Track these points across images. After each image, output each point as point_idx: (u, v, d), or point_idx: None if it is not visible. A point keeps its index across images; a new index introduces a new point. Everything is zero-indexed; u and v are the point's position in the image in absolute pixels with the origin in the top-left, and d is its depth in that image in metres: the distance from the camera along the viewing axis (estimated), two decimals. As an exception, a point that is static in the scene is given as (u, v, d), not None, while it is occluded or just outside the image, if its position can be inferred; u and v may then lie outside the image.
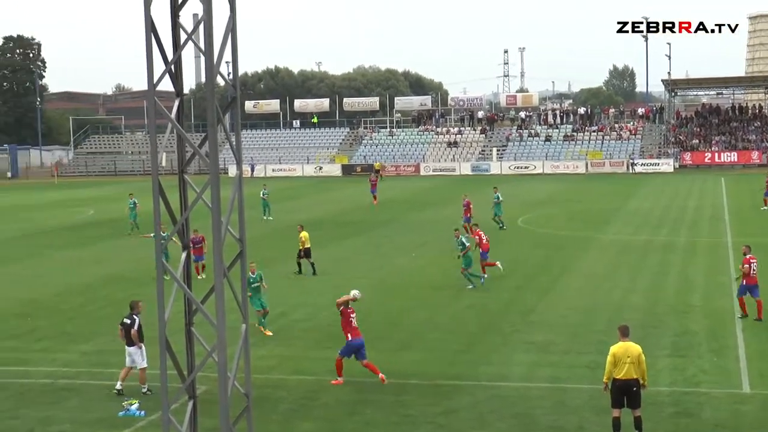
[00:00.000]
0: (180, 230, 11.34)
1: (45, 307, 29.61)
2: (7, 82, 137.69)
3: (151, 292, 26.31)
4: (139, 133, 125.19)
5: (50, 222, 55.80)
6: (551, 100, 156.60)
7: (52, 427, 18.10)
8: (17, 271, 37.30)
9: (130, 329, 19.82)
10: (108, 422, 18.17)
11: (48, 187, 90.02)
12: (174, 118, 11.01)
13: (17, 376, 21.60)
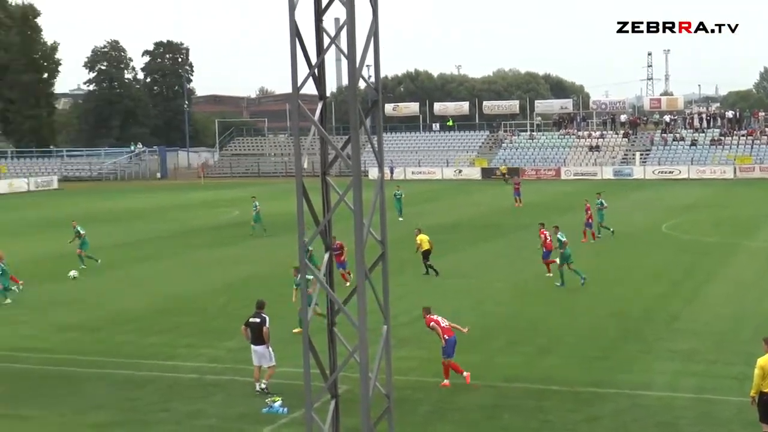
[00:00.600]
0: (323, 231, 11.50)
1: (190, 305, 30.50)
2: (158, 86, 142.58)
3: (289, 293, 26.93)
4: (281, 136, 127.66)
5: (196, 222, 57.43)
6: (697, 103, 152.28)
7: (199, 420, 18.64)
8: (165, 269, 38.52)
9: (261, 328, 19.97)
10: (252, 418, 18.60)
11: (194, 187, 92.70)
12: (317, 120, 11.18)
13: (166, 370, 22.34)
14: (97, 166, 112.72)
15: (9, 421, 18.91)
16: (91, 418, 18.92)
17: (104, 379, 21.84)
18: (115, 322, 27.96)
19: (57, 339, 25.91)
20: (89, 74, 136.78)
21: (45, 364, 23.20)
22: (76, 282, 35.47)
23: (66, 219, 57.40)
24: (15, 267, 38.93)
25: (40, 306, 30.79)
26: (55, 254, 42.81)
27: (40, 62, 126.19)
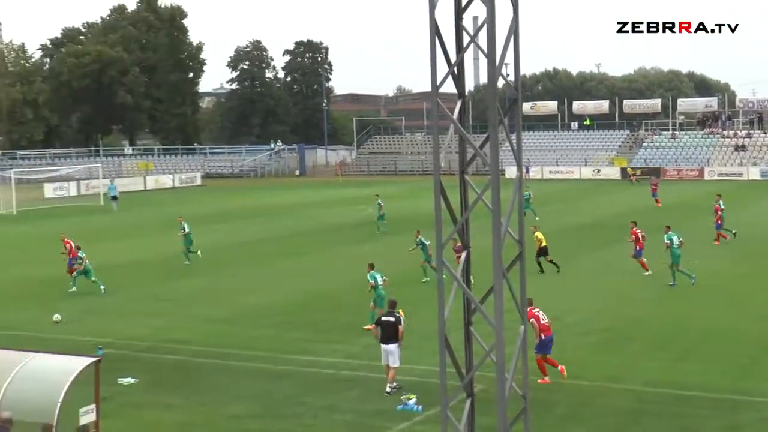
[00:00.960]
0: (460, 230, 11.51)
1: (328, 300, 30.94)
2: (298, 84, 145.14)
3: (421, 292, 27.05)
4: (418, 134, 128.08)
5: (334, 219, 58.15)
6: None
7: (335, 415, 18.91)
8: (303, 265, 39.15)
9: (395, 326, 20.01)
10: (386, 415, 18.75)
11: (332, 185, 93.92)
12: (456, 119, 11.19)
13: (303, 365, 22.73)
14: (238, 164, 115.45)
15: (154, 409, 19.59)
16: (231, 410, 19.42)
17: (243, 371, 22.38)
18: (255, 316, 28.61)
19: (199, 332, 26.67)
20: (232, 73, 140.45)
21: (188, 355, 23.94)
22: (216, 276, 36.39)
23: (208, 215, 59.08)
24: (160, 261, 40.29)
25: (184, 299, 31.75)
26: (199, 248, 44.05)
27: (186, 62, 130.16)
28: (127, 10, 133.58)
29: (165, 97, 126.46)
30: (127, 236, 49.36)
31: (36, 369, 14.05)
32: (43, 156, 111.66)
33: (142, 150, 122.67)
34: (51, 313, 29.25)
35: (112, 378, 20.91)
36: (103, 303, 31.21)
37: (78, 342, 24.96)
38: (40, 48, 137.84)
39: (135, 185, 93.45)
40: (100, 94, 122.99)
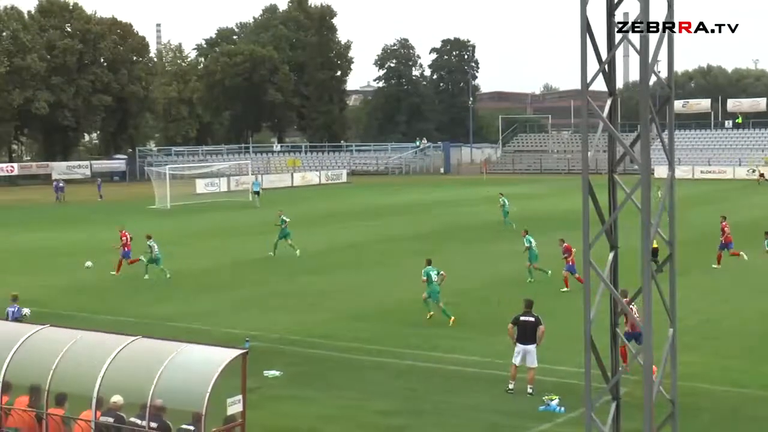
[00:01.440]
0: (608, 230, 11.28)
1: (471, 298, 30.84)
2: (444, 82, 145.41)
3: (560, 292, 26.63)
4: (565, 133, 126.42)
5: (479, 217, 57.90)
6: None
7: (477, 414, 18.84)
8: (448, 261, 38.87)
9: (536, 327, 19.83)
10: (528, 415, 18.57)
11: (477, 182, 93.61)
12: (606, 117, 10.97)
13: (446, 363, 22.72)
14: (383, 161, 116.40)
15: (296, 401, 19.92)
16: (372, 405, 19.57)
17: (386, 367, 22.54)
18: (400, 312, 28.76)
19: (344, 327, 26.97)
20: (379, 72, 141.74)
21: (332, 350, 24.24)
22: (364, 272, 36.76)
23: (354, 212, 59.76)
24: (306, 257, 40.92)
25: (330, 294, 32.16)
26: (345, 244, 44.64)
27: (334, 60, 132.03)
28: (279, 10, 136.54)
29: (313, 94, 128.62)
30: (274, 230, 50.33)
31: (187, 359, 14.45)
32: (196, 152, 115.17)
33: (290, 147, 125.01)
34: (198, 305, 30.17)
35: (258, 370, 21.36)
36: (250, 296, 31.94)
37: (226, 334, 25.62)
38: (195, 48, 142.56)
39: (282, 182, 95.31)
40: (251, 93, 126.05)
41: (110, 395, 14.27)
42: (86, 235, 50.40)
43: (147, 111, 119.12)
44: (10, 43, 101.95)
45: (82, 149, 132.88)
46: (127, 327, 25.49)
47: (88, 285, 34.76)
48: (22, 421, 14.76)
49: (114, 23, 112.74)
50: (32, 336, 15.69)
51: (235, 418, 14.56)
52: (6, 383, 15.15)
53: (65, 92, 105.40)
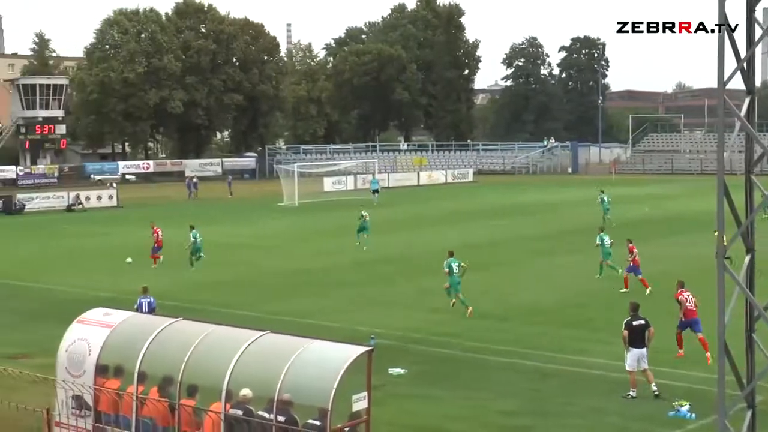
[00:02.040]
0: (744, 232, 10.94)
1: (601, 299, 30.35)
2: (573, 81, 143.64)
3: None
4: (698, 132, 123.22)
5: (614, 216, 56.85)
6: None
7: (603, 417, 18.55)
8: (575, 263, 38.59)
9: (645, 330, 19.65)
10: (656, 420, 18.18)
11: (606, 183, 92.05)
12: (743, 116, 10.65)
13: (572, 365, 22.46)
14: (510, 160, 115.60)
15: (421, 399, 19.96)
16: (497, 405, 19.47)
17: (511, 368, 22.39)
18: (526, 314, 28.53)
19: (470, 326, 26.89)
20: (506, 70, 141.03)
21: (457, 349, 24.20)
22: (489, 272, 36.57)
23: (480, 211, 59.54)
24: (429, 254, 40.91)
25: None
26: (470, 243, 44.50)
27: (462, 59, 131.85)
28: (407, 9, 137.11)
29: (440, 93, 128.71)
30: (398, 229, 50.57)
31: (313, 355, 14.63)
32: (324, 151, 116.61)
33: (417, 146, 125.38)
34: (324, 302, 30.56)
35: (383, 367, 21.48)
36: (376, 294, 32.16)
37: (352, 331, 25.85)
38: (324, 47, 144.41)
39: (409, 180, 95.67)
40: (379, 91, 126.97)
41: (239, 388, 14.55)
42: (217, 232, 51.62)
43: (277, 110, 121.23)
44: (149, 44, 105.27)
45: (213, 147, 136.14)
46: (256, 322, 26.01)
47: (218, 280, 35.59)
48: (156, 411, 15.19)
49: (246, 24, 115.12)
50: (166, 328, 16.14)
51: (360, 415, 14.67)
52: (141, 373, 15.63)
53: (199, 91, 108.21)
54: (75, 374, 16.11)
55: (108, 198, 73.31)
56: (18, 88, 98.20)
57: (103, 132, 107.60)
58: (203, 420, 14.73)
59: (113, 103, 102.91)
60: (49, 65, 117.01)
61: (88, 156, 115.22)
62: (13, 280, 36.30)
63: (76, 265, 40.28)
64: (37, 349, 24.44)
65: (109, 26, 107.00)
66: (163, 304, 28.94)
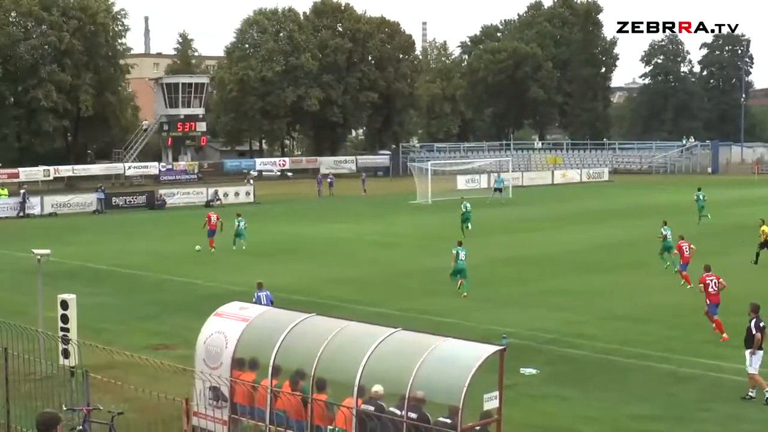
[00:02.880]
0: None
1: (741, 303, 29.35)
2: (714, 79, 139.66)
3: None
4: None
5: (747, 219, 55.12)
6: None
7: (741, 425, 18.07)
8: (717, 266, 37.44)
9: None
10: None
11: (747, 183, 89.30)
12: None
13: (709, 369, 21.91)
14: (647, 160, 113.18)
15: (553, 400, 19.79)
16: (631, 409, 19.13)
17: (646, 371, 21.96)
18: (662, 316, 27.92)
19: (604, 328, 26.50)
20: (645, 68, 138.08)
21: (590, 350, 23.88)
22: (625, 272, 35.94)
23: (616, 210, 58.52)
24: (569, 254, 40.43)
25: (590, 294, 31.68)
26: (608, 243, 43.84)
27: (599, 57, 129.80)
28: (544, 7, 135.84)
29: (576, 92, 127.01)
30: (531, 228, 50.28)
31: (445, 353, 14.64)
32: (457, 149, 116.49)
33: (551, 144, 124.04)
34: (456, 300, 30.57)
35: (515, 367, 21.39)
36: (508, 293, 31.98)
37: (485, 330, 25.79)
38: (459, 45, 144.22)
39: (542, 179, 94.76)
40: (514, 90, 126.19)
41: (371, 384, 14.67)
42: (350, 229, 52.29)
43: (411, 108, 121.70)
44: (287, 43, 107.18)
45: (348, 145, 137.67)
46: (387, 319, 26.22)
47: (350, 276, 36.02)
48: (289, 404, 15.47)
49: (382, 22, 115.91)
50: (300, 323, 16.42)
51: (492, 414, 14.61)
52: (276, 367, 15.93)
53: (335, 89, 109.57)
54: (212, 366, 16.55)
55: (245, 194, 75.00)
56: (162, 86, 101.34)
57: (242, 129, 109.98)
58: (335, 415, 14.92)
59: (252, 101, 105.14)
60: (192, 64, 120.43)
61: (226, 153, 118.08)
62: (156, 273, 37.55)
63: (212, 259, 41.37)
64: (178, 341, 25.24)
65: (249, 26, 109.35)
66: (294, 299, 29.58)
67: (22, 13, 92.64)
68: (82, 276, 36.69)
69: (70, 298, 17.74)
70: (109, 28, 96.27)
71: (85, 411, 15.85)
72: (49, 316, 21.43)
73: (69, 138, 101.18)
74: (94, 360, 18.48)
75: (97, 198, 68.00)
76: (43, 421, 9.47)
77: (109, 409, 16.02)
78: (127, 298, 31.74)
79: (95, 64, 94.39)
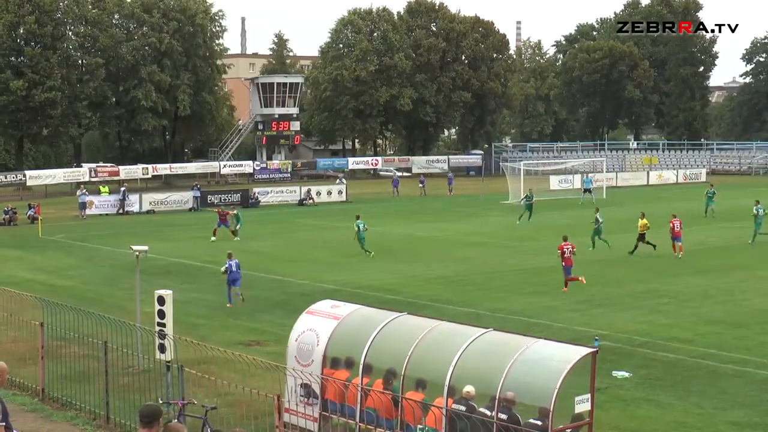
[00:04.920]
0: None
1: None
2: None
3: None
4: None
5: None
6: None
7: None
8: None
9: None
10: None
11: None
12: None
13: None
14: (746, 160, 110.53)
15: (647, 405, 19.45)
16: (728, 415, 18.72)
17: (744, 376, 21.46)
18: (760, 321, 27.24)
19: (699, 332, 25.96)
20: (746, 66, 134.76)
21: (685, 354, 23.43)
22: (721, 276, 35.20)
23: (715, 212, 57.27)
24: (661, 258, 39.75)
25: (686, 297, 31.09)
26: (703, 246, 42.99)
27: (697, 56, 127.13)
28: (641, 5, 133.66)
29: (673, 91, 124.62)
30: (625, 229, 49.41)
31: (536, 354, 14.55)
32: (551, 149, 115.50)
33: (647, 145, 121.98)
34: (548, 300, 30.31)
35: (607, 370, 21.13)
36: (603, 295, 31.59)
37: (576, 331, 25.53)
38: (554, 44, 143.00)
39: (637, 180, 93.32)
40: (609, 89, 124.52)
41: (462, 384, 14.66)
42: (438, 228, 52.23)
43: (504, 107, 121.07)
44: (380, 43, 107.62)
45: (440, 144, 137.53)
46: (478, 319, 26.15)
47: (440, 275, 35.96)
48: (379, 402, 15.55)
49: (477, 22, 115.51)
50: (391, 322, 16.49)
51: (583, 417, 14.48)
52: (367, 365, 16.03)
53: (427, 89, 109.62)
54: (304, 363, 16.73)
55: (337, 193, 75.53)
56: (257, 86, 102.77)
57: (335, 129, 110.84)
58: (426, 414, 14.94)
59: (345, 100, 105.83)
60: (287, 64, 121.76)
61: (319, 152, 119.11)
62: (249, 270, 38.00)
63: (304, 257, 41.76)
64: (270, 338, 25.56)
65: (344, 26, 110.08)
66: (386, 298, 29.72)
67: (124, 15, 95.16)
68: (178, 272, 37.41)
69: (167, 294, 18.10)
70: (206, 29, 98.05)
71: (180, 405, 16.16)
72: (146, 311, 21.90)
73: (167, 137, 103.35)
74: (188, 355, 18.83)
75: (193, 196, 69.27)
76: (147, 413, 9.75)
77: (203, 403, 16.31)
78: (221, 295, 32.27)
79: (193, 64, 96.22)
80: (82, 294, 32.67)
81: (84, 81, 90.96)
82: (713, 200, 57.88)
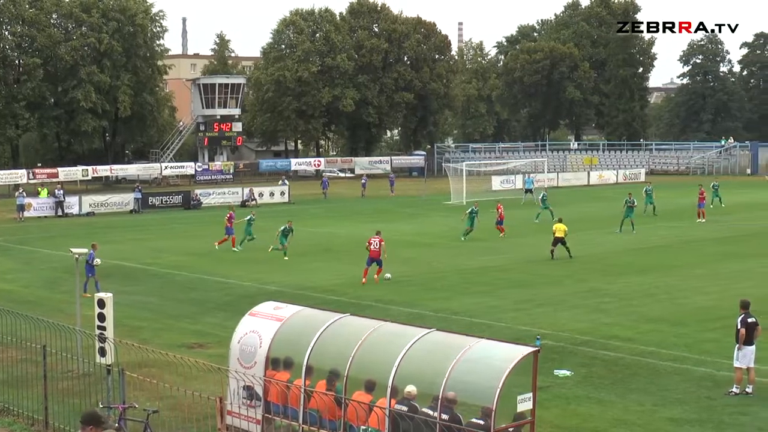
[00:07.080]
0: None
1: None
2: (755, 78, 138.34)
3: None
4: None
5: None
6: None
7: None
8: (750, 267, 37.15)
9: (755, 327, 20.05)
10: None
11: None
12: None
13: (746, 374, 21.64)
14: (684, 160, 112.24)
15: (588, 403, 19.64)
16: (666, 412, 18.97)
17: (683, 374, 21.76)
18: (701, 319, 27.65)
19: (639, 330, 26.29)
20: (683, 68, 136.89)
21: (626, 353, 23.71)
22: (660, 275, 35.67)
23: (652, 212, 58.02)
24: (600, 258, 40.17)
25: (625, 296, 31.47)
26: (642, 246, 43.52)
27: (636, 57, 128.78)
28: (581, 7, 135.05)
29: (613, 92, 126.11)
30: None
31: (478, 354, 14.62)
32: (493, 149, 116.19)
33: (587, 145, 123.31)
34: (492, 300, 30.47)
35: (549, 369, 21.31)
36: (543, 294, 31.84)
37: (519, 331, 25.71)
38: (495, 45, 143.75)
39: (578, 180, 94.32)
40: (550, 90, 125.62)
41: (405, 385, 14.68)
42: (384, 228, 52.22)
43: (446, 108, 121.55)
44: (323, 44, 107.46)
45: (383, 145, 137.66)
46: (421, 319, 26.21)
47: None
48: (322, 404, 15.51)
49: (419, 22, 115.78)
50: (334, 323, 16.45)
51: (525, 416, 14.57)
52: (309, 367, 15.98)
53: (370, 90, 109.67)
54: (246, 365, 16.63)
55: (280, 194, 75.28)
56: (199, 87, 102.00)
57: (277, 130, 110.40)
58: (369, 415, 14.93)
59: (287, 101, 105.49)
60: (228, 65, 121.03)
61: (261, 153, 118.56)
62: (191, 272, 37.79)
63: (246, 258, 41.53)
64: (212, 340, 25.38)
65: (285, 26, 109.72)
66: (328, 299, 29.65)
67: (62, 15, 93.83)
68: (118, 275, 37.00)
69: (107, 297, 17.89)
70: (147, 30, 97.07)
71: (121, 409, 15.99)
72: (86, 314, 21.62)
73: (107, 138, 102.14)
74: (130, 358, 18.63)
75: (134, 198, 68.58)
76: (88, 420, 9.61)
77: (145, 407, 16.15)
78: (163, 297, 31.93)
79: (133, 64, 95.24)
80: (21, 297, 32.19)
81: (21, 81, 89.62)
82: (652, 198, 59.29)
